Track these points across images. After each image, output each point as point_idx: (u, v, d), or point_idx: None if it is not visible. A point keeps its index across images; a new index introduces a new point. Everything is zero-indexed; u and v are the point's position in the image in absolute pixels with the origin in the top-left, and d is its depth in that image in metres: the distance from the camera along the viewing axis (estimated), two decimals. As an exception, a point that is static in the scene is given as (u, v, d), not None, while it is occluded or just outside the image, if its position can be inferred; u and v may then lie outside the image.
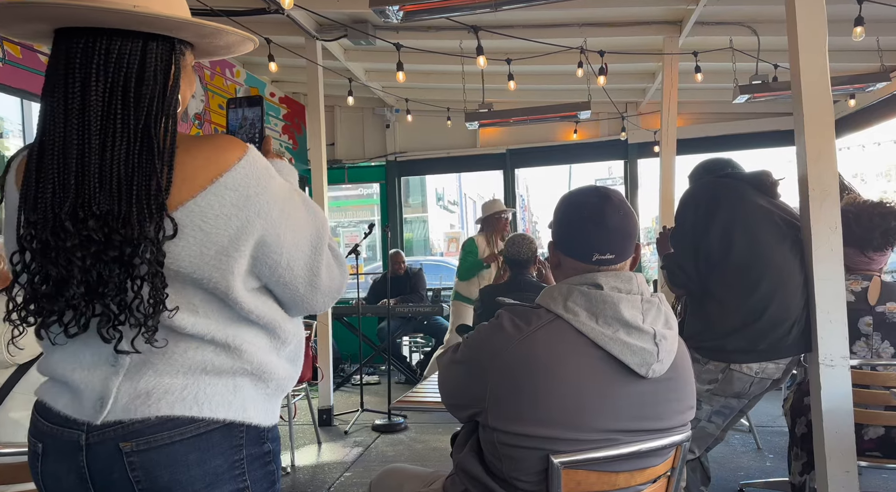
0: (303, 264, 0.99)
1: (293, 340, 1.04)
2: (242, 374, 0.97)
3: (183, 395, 0.91)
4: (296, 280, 0.99)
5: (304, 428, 4.55)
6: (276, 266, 0.97)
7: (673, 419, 1.33)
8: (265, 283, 0.99)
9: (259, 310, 0.97)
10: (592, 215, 1.33)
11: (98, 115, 0.87)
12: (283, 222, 0.96)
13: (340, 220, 8.88)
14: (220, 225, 0.91)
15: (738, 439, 3.98)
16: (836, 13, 3.53)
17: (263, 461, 1.00)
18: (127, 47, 0.90)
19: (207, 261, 0.91)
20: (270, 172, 0.96)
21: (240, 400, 0.96)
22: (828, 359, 2.14)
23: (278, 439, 1.05)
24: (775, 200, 2.32)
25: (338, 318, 5.85)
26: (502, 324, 1.31)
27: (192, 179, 0.90)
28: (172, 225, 0.88)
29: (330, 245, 1.05)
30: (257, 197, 0.92)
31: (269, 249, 0.95)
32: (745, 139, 6.27)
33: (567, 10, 4.19)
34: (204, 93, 4.94)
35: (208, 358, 0.94)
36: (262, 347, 0.99)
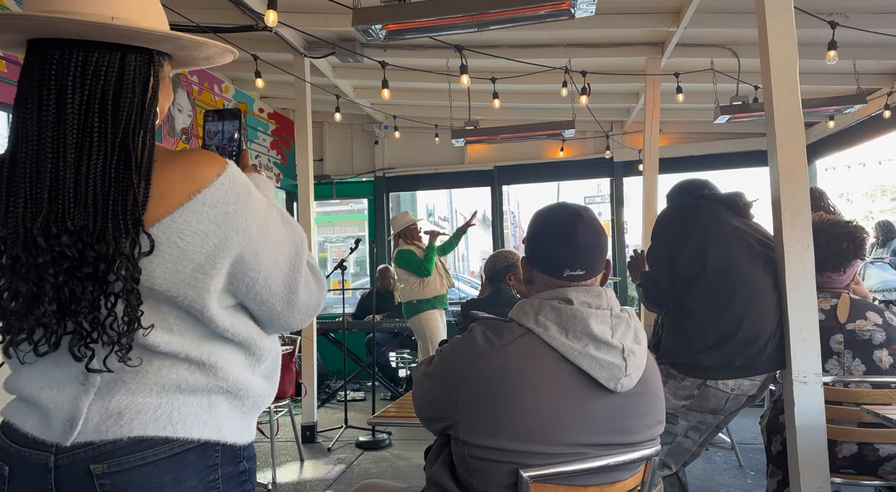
0: (280, 282, 0.97)
1: (269, 357, 1.03)
2: (217, 392, 0.95)
3: (156, 414, 0.89)
4: (273, 298, 0.97)
5: (286, 445, 4.52)
6: (253, 284, 0.95)
7: (643, 433, 1.35)
8: (241, 300, 0.98)
9: (234, 327, 0.96)
10: (563, 232, 1.36)
11: (74, 128, 0.86)
12: (262, 240, 0.94)
13: (329, 235, 8.88)
14: (197, 242, 0.89)
15: (720, 457, 3.99)
16: (814, 37, 3.63)
17: (239, 481, 0.98)
18: (105, 59, 0.89)
19: (183, 279, 0.89)
20: (249, 188, 0.94)
21: (215, 419, 0.94)
22: (801, 376, 2.17)
23: (254, 457, 1.03)
24: (749, 221, 2.37)
25: (324, 333, 5.84)
26: (475, 337, 1.32)
27: (169, 194, 0.88)
28: (149, 241, 0.86)
29: (309, 262, 1.03)
30: (236, 214, 0.91)
31: (246, 267, 0.94)
32: (727, 159, 6.37)
33: (552, 30, 4.27)
34: (192, 108, 4.97)
35: (183, 376, 0.92)
36: (237, 364, 0.97)
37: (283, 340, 4.40)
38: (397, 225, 5.16)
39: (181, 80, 4.85)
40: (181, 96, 4.85)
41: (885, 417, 1.87)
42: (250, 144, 5.95)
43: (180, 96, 4.84)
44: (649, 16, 4.01)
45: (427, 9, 2.43)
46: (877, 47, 4.17)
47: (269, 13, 2.83)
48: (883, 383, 2.27)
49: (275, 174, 6.46)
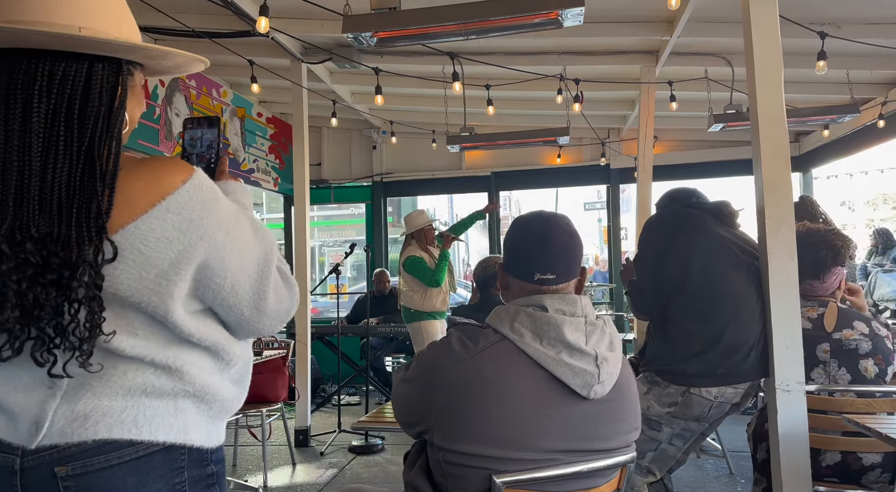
0: (248, 288, 0.98)
1: (239, 361, 1.03)
2: (184, 396, 0.95)
3: (122, 417, 0.90)
4: (241, 304, 0.98)
5: (279, 449, 4.52)
6: (219, 290, 0.96)
7: (616, 440, 1.36)
8: (209, 305, 0.98)
9: (201, 332, 0.96)
10: (536, 236, 1.38)
11: (40, 138, 0.86)
12: (228, 246, 0.95)
13: (326, 239, 8.90)
14: (160, 248, 0.89)
15: (711, 464, 4.00)
16: (808, 46, 3.65)
17: (207, 484, 0.99)
18: (72, 69, 0.89)
19: (147, 284, 0.90)
20: (217, 195, 0.95)
21: (181, 422, 0.95)
22: (784, 384, 2.18)
23: (223, 460, 1.04)
24: (734, 230, 2.38)
25: (319, 337, 5.85)
26: (451, 343, 1.34)
27: (133, 201, 0.89)
28: (112, 248, 0.87)
29: (279, 268, 1.04)
30: (201, 220, 0.91)
31: (212, 273, 0.94)
32: (722, 167, 6.39)
33: (546, 38, 4.29)
34: (189, 112, 5.00)
35: (148, 380, 0.92)
36: (204, 368, 0.98)
37: (278, 344, 4.41)
38: (412, 224, 4.90)
39: (179, 84, 4.88)
40: (179, 101, 4.88)
41: (864, 426, 1.88)
42: (249, 148, 5.98)
43: (178, 101, 4.87)
44: (643, 24, 4.03)
45: (417, 17, 2.45)
46: (870, 57, 4.20)
47: (261, 20, 2.85)
48: (867, 393, 2.28)
49: (272, 178, 6.49)
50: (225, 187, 1.07)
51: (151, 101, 4.55)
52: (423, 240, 4.81)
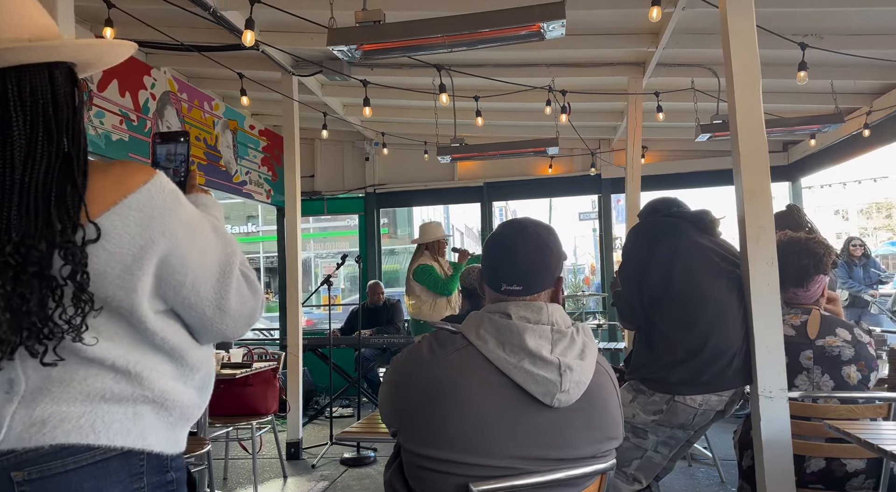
0: (209, 287, 1.00)
1: (203, 367, 1.05)
2: (143, 401, 0.96)
3: (80, 423, 0.91)
4: (202, 303, 1.00)
5: (270, 462, 4.51)
6: (180, 287, 0.98)
7: (587, 448, 1.34)
8: (172, 305, 1.00)
9: (165, 332, 0.98)
10: (504, 246, 1.39)
11: (21, 149, 0.90)
12: (189, 244, 0.98)
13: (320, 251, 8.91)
14: (123, 244, 0.92)
15: (702, 472, 4.00)
16: (792, 57, 3.70)
17: (166, 490, 1.00)
18: (37, 79, 0.93)
19: (111, 280, 0.93)
20: (179, 197, 0.99)
21: (139, 428, 0.96)
22: (766, 391, 2.19)
23: (184, 468, 1.05)
24: (715, 238, 2.40)
25: (312, 349, 5.84)
26: (421, 347, 1.35)
27: (98, 200, 0.93)
28: (95, 229, 0.90)
29: (244, 272, 1.06)
30: (162, 218, 0.95)
31: (172, 270, 0.97)
32: (710, 176, 6.43)
33: (534, 50, 4.34)
34: (181, 125, 5.02)
35: (108, 386, 0.94)
36: (165, 373, 0.99)
37: (269, 356, 4.41)
38: (427, 236, 4.98)
39: (170, 98, 4.91)
40: (171, 114, 4.91)
41: (846, 432, 1.89)
42: (241, 160, 6.01)
43: (170, 114, 4.90)
44: (629, 36, 4.08)
45: (401, 30, 2.48)
46: (853, 67, 4.25)
47: (247, 33, 2.89)
48: (850, 399, 2.29)
49: (265, 190, 6.51)
50: (196, 200, 1.11)
51: (142, 115, 4.57)
52: (435, 251, 4.91)
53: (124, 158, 4.38)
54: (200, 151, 5.31)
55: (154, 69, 4.72)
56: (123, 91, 4.38)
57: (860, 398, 2.29)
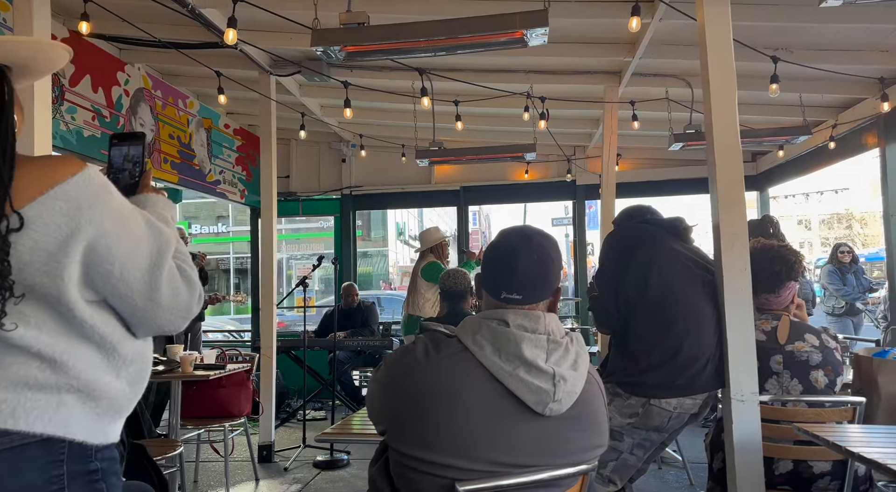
0: (139, 277, 1.02)
1: (138, 360, 1.07)
2: (68, 390, 0.98)
3: (0, 408, 0.93)
4: (132, 293, 1.02)
5: (242, 464, 4.45)
6: (108, 276, 1.00)
7: (574, 457, 1.35)
8: (104, 295, 1.02)
9: (94, 321, 1.00)
10: (506, 255, 1.38)
11: None
12: (117, 234, 1.00)
13: (294, 252, 8.83)
14: (49, 232, 0.95)
15: (672, 475, 4.07)
16: (763, 70, 3.80)
17: (89, 480, 1.01)
18: None
19: (37, 267, 0.95)
20: (109, 189, 1.02)
21: (62, 416, 0.97)
22: (739, 394, 2.25)
23: (113, 459, 1.06)
24: (688, 245, 2.46)
25: (285, 351, 5.78)
26: (415, 349, 1.35)
27: (24, 191, 0.95)
28: (18, 219, 0.93)
29: (180, 266, 1.08)
30: (90, 208, 0.97)
31: (99, 258, 0.99)
32: (683, 184, 6.58)
33: (514, 57, 4.39)
34: (154, 122, 4.94)
35: (32, 373, 0.96)
36: (93, 364, 1.01)
37: (242, 358, 4.36)
38: (428, 240, 5.07)
39: (144, 94, 4.83)
40: (144, 111, 4.83)
41: (814, 434, 1.95)
42: (215, 159, 5.93)
43: (143, 111, 4.82)
44: (606, 46, 4.15)
45: (385, 33, 2.49)
46: (821, 81, 4.39)
47: (229, 32, 2.86)
48: (817, 403, 2.36)
49: (239, 190, 6.43)
50: (146, 199, 1.16)
51: (115, 111, 4.48)
52: (440, 254, 5.02)
53: (96, 156, 4.30)
54: (174, 149, 5.23)
55: (128, 65, 4.64)
56: (96, 87, 4.30)
57: (827, 402, 2.36)
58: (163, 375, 3.49)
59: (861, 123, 4.79)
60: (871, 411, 2.57)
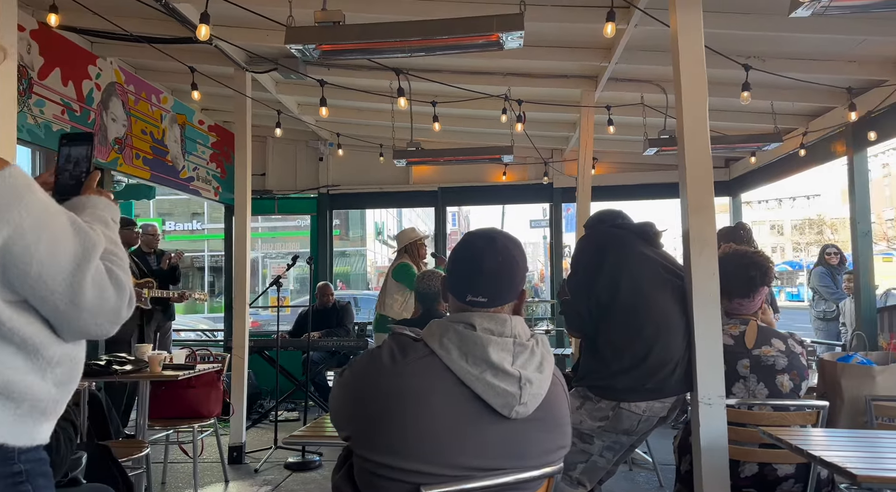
0: (61, 280, 0.99)
1: (66, 361, 1.05)
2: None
3: None
4: (53, 295, 0.99)
5: (211, 466, 4.39)
6: (25, 277, 0.98)
7: (540, 458, 1.36)
8: (22, 296, 1.00)
9: (13, 323, 0.98)
10: (471, 257, 1.38)
11: None
12: (36, 234, 0.98)
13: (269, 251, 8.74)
14: None
15: (642, 477, 4.11)
16: (736, 77, 3.86)
17: (12, 482, 1.00)
18: None
19: None
20: (32, 188, 1.00)
21: None
22: (706, 398, 2.27)
23: (40, 460, 1.05)
24: (658, 249, 2.49)
25: (258, 351, 5.72)
26: (381, 353, 1.34)
27: None
28: None
29: (110, 269, 1.06)
30: (8, 208, 0.96)
31: (15, 258, 0.97)
32: (657, 189, 6.67)
33: (492, 59, 4.39)
34: (127, 118, 4.85)
35: None
36: (14, 365, 0.99)
37: (213, 358, 4.30)
38: (402, 240, 5.06)
39: (116, 89, 4.74)
40: (116, 105, 4.74)
41: (778, 437, 1.98)
42: (189, 155, 5.84)
43: (115, 105, 4.73)
44: (583, 50, 4.18)
45: (361, 32, 2.47)
46: (792, 90, 4.47)
47: (202, 27, 2.81)
48: (782, 406, 2.40)
49: (213, 188, 6.35)
50: (86, 201, 1.15)
51: (86, 105, 4.39)
52: (415, 254, 4.98)
53: (65, 150, 4.20)
54: (146, 144, 5.14)
55: (100, 59, 4.55)
56: (66, 80, 4.20)
57: (792, 406, 2.41)
58: (130, 374, 3.42)
59: (830, 132, 4.89)
60: (834, 415, 2.62)
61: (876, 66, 4.06)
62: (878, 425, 2.42)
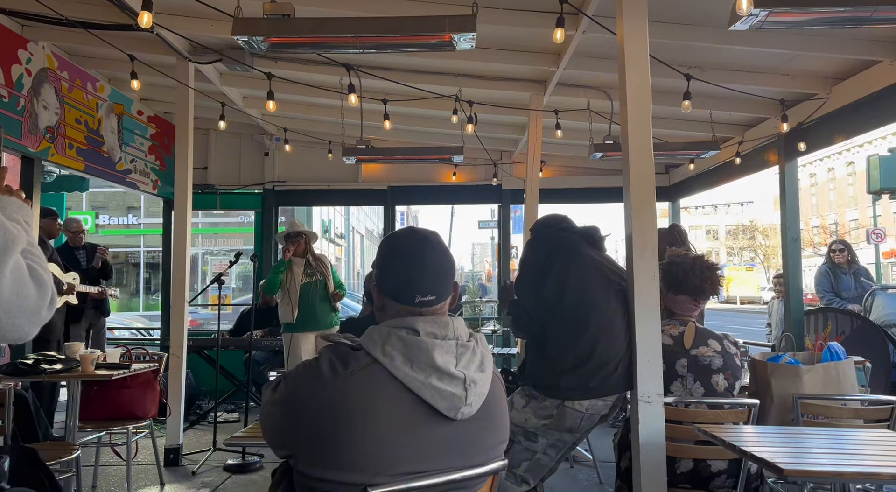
0: None
1: None
2: None
3: None
4: None
5: (146, 468, 4.22)
6: None
7: (484, 455, 1.37)
8: None
9: None
10: (413, 257, 1.37)
11: None
12: None
13: (210, 247, 8.48)
14: None
15: (583, 474, 4.20)
16: (677, 86, 3.99)
17: None
18: None
19: None
20: None
21: None
22: (645, 396, 2.34)
23: None
24: (602, 253, 2.56)
25: (197, 350, 5.55)
26: (320, 366, 1.29)
27: None
28: None
29: (30, 266, 1.02)
30: None
31: None
32: (602, 193, 6.84)
33: (443, 60, 4.40)
34: (59, 105, 4.61)
35: None
36: None
37: (149, 357, 4.14)
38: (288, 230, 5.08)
39: (48, 75, 4.50)
40: (48, 92, 4.50)
41: (711, 434, 2.06)
42: (126, 147, 5.61)
43: (47, 92, 4.49)
44: (533, 54, 4.24)
45: (312, 26, 2.43)
46: (729, 100, 4.66)
47: (144, 14, 2.70)
48: (717, 405, 2.50)
49: (152, 181, 6.12)
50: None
51: (15, 91, 4.16)
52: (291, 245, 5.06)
53: (-9, 137, 3.96)
54: (81, 134, 4.90)
55: (31, 43, 4.31)
56: (-7, 63, 3.97)
57: (726, 404, 2.51)
58: (61, 374, 3.26)
59: (764, 142, 5.12)
60: (764, 412, 2.75)
61: (806, 79, 4.28)
62: (803, 422, 2.56)
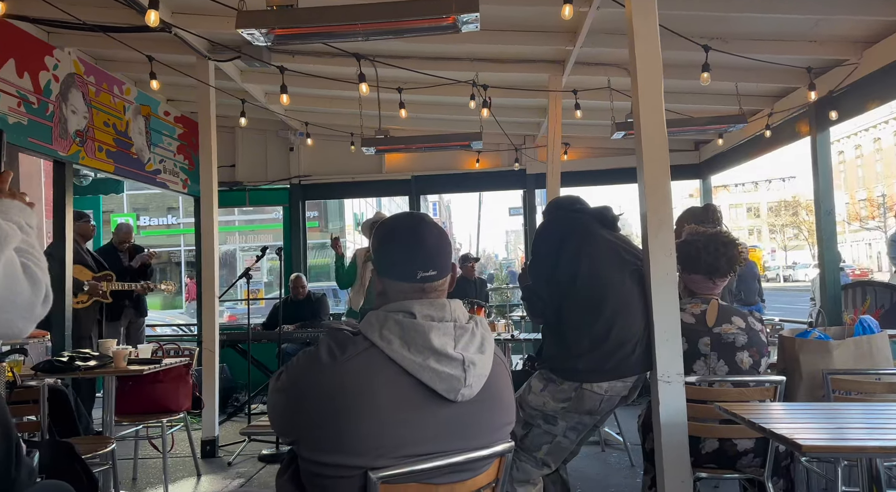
0: None
1: None
2: None
3: None
4: None
5: (183, 460, 4.35)
6: None
7: (488, 437, 1.37)
8: None
9: None
10: (410, 236, 1.38)
11: None
12: None
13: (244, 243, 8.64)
14: None
15: (614, 457, 4.16)
16: (701, 59, 3.87)
17: None
18: None
19: None
20: None
21: None
22: (665, 376, 2.30)
23: None
24: (616, 233, 2.51)
25: (231, 344, 5.67)
26: (319, 353, 1.30)
27: None
28: None
29: (24, 263, 1.03)
30: None
31: None
32: (627, 173, 6.64)
33: (458, 44, 4.36)
34: (87, 109, 4.74)
35: None
36: None
37: (181, 352, 4.25)
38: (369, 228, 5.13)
39: (76, 80, 4.63)
40: (76, 97, 4.63)
41: (732, 412, 2.01)
42: (154, 147, 5.74)
43: (75, 97, 4.62)
44: (548, 34, 4.16)
45: (315, 15, 2.44)
46: (755, 71, 4.49)
47: (150, 13, 2.74)
48: (742, 383, 2.44)
49: (181, 180, 6.25)
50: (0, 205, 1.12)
51: (44, 97, 4.29)
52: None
53: (23, 144, 4.10)
54: (109, 137, 5.04)
55: (57, 49, 4.43)
56: (21, 71, 4.09)
57: (751, 382, 2.44)
58: (94, 370, 3.37)
59: (794, 112, 4.94)
60: (794, 390, 2.67)
61: (835, 45, 4.10)
62: (834, 398, 2.47)
